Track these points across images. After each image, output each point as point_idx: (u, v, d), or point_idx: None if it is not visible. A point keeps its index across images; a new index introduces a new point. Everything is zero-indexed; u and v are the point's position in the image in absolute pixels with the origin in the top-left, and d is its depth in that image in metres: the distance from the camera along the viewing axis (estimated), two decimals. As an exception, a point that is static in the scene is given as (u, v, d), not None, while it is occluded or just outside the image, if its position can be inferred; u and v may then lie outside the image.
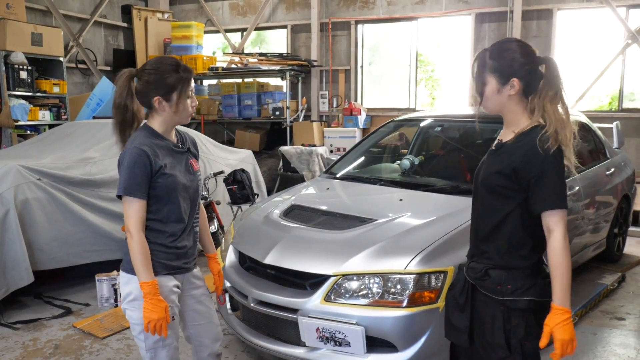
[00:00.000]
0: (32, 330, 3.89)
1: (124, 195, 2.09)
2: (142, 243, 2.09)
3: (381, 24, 9.46)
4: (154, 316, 2.03)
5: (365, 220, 3.23)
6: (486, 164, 2.08)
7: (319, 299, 2.82)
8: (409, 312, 2.70)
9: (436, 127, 4.72)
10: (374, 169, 4.79)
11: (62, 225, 4.37)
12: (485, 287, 2.02)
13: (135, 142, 2.12)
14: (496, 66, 1.95)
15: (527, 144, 1.91)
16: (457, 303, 2.12)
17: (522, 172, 1.91)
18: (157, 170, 2.13)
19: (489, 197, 2.03)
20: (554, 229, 1.89)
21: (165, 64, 2.16)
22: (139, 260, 2.07)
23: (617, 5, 7.85)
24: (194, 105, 2.23)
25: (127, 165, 2.09)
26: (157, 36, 9.99)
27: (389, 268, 2.80)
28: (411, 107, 9.31)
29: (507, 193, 1.97)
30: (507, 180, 1.95)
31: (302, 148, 8.07)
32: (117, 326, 3.87)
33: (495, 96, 1.98)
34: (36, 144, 5.58)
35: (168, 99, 2.15)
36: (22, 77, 7.42)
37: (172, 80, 2.13)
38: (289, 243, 3.14)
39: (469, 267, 2.11)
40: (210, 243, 2.59)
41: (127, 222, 2.09)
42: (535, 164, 1.89)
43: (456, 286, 2.16)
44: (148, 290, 2.05)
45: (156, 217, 2.17)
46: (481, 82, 1.99)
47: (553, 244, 1.89)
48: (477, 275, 2.04)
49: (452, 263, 2.78)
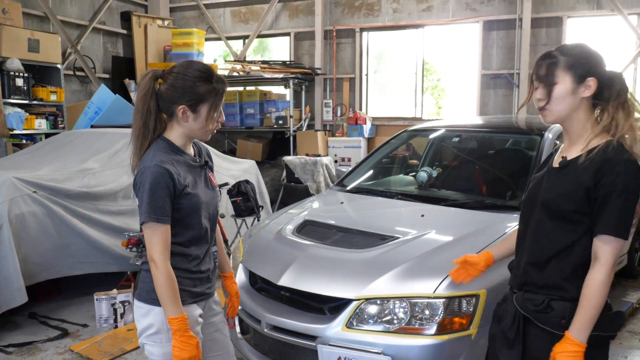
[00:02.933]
0: (25, 354, 3.63)
1: (148, 221, 1.84)
2: (170, 274, 1.85)
3: (387, 31, 9.29)
4: (185, 355, 1.81)
5: (387, 237, 3.01)
6: (548, 184, 1.83)
7: (340, 326, 2.59)
8: (438, 340, 2.48)
9: (453, 138, 4.50)
10: (388, 181, 4.58)
11: (58, 238, 4.15)
12: (546, 321, 1.78)
13: (156, 160, 1.86)
14: (572, 63, 1.73)
15: (600, 160, 1.68)
16: (505, 338, 1.88)
17: (594, 192, 1.69)
18: (182, 190, 1.89)
19: (550, 221, 1.79)
20: (602, 259, 1.69)
21: (197, 69, 1.90)
22: (167, 293, 1.83)
23: (628, 12, 7.69)
24: (222, 121, 1.98)
25: (149, 187, 1.83)
26: (157, 43, 9.79)
27: (416, 292, 2.58)
28: (417, 116, 9.11)
29: (576, 218, 1.74)
30: (578, 204, 1.72)
31: (306, 158, 7.86)
32: (118, 350, 3.62)
33: (568, 98, 1.74)
34: (32, 154, 5.33)
35: (195, 110, 1.89)
36: (18, 85, 7.19)
37: (204, 90, 1.88)
38: (305, 263, 2.91)
39: (525, 298, 1.85)
40: (226, 262, 2.37)
41: (151, 251, 1.84)
42: (607, 181, 1.66)
43: (504, 319, 1.91)
44: (177, 326, 1.82)
45: (179, 241, 1.94)
46: (550, 82, 1.75)
47: (595, 274, 1.69)
48: (537, 308, 1.80)
49: (484, 286, 2.56)
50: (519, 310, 1.86)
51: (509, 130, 4.48)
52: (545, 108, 1.79)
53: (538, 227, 1.83)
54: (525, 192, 2.03)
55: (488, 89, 8.57)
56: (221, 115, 1.97)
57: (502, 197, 3.64)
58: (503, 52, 8.41)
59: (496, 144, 4.51)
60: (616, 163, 1.66)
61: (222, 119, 1.98)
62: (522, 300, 1.86)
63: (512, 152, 4.36)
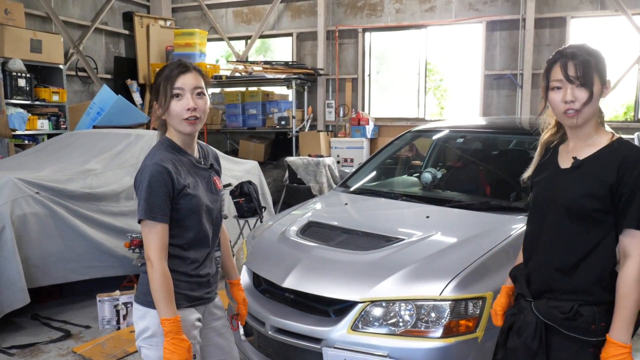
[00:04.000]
0: (28, 356, 3.61)
1: (144, 219, 1.83)
2: (165, 274, 1.82)
3: (389, 31, 9.26)
4: (176, 358, 1.78)
5: (392, 239, 2.98)
6: (565, 185, 1.79)
7: (345, 328, 2.56)
8: (445, 343, 2.45)
9: (457, 139, 4.47)
10: (392, 182, 4.55)
11: (60, 240, 4.12)
12: (576, 328, 1.73)
13: (156, 158, 1.86)
14: (596, 63, 1.71)
15: (620, 157, 1.68)
16: (528, 350, 1.80)
17: (617, 189, 1.67)
18: (180, 190, 1.87)
19: (573, 223, 1.75)
20: (632, 254, 1.66)
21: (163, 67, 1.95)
22: (160, 293, 1.80)
23: (632, 13, 7.65)
24: (188, 108, 1.87)
25: (147, 184, 1.82)
26: (159, 44, 9.78)
27: (422, 294, 2.54)
28: (420, 116, 9.08)
29: (600, 217, 1.71)
30: (602, 202, 1.70)
31: (308, 159, 7.83)
32: (120, 352, 3.60)
33: (597, 99, 1.72)
34: (34, 155, 5.31)
35: (161, 103, 1.90)
36: (20, 85, 7.17)
37: (159, 80, 1.90)
38: (309, 265, 2.88)
39: (550, 306, 1.78)
40: (233, 267, 2.34)
41: (148, 250, 1.83)
42: (631, 176, 1.65)
43: (525, 330, 1.83)
44: (170, 328, 1.79)
45: (177, 243, 1.91)
46: (589, 83, 1.70)
47: (628, 270, 1.66)
48: (565, 316, 1.73)
49: (490, 288, 2.54)
50: (540, 319, 1.79)
51: (513, 131, 4.45)
52: (580, 110, 1.72)
53: (560, 231, 1.78)
54: (530, 196, 1.99)
55: (491, 90, 8.54)
56: (185, 100, 1.88)
57: (507, 198, 3.62)
58: (506, 52, 8.38)
59: (500, 145, 4.48)
60: (637, 157, 1.66)
61: (191, 105, 1.88)
62: (545, 308, 1.79)
63: (516, 153, 4.32)
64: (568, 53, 1.73)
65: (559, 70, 1.73)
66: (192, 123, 1.90)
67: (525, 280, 1.90)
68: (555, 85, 1.75)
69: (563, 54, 1.74)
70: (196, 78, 1.91)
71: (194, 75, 1.91)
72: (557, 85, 1.74)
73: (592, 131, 1.77)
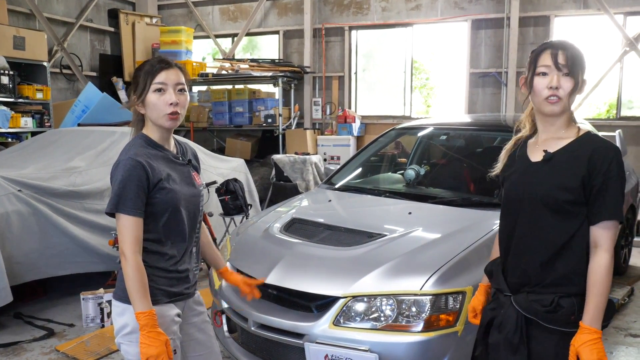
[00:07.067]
0: (10, 354, 3.59)
1: (115, 212, 1.83)
2: (139, 267, 1.82)
3: (376, 30, 9.30)
4: (152, 352, 1.77)
5: (374, 235, 3.01)
6: (538, 178, 1.81)
7: (327, 323, 2.58)
8: (425, 337, 2.49)
9: (441, 136, 4.51)
10: (376, 179, 4.57)
11: (43, 238, 4.09)
12: (556, 321, 1.75)
13: (130, 153, 1.87)
14: (582, 60, 1.76)
15: (589, 150, 1.72)
16: (510, 344, 1.81)
17: (589, 181, 1.71)
18: (156, 184, 1.87)
19: (546, 216, 1.77)
20: (603, 244, 1.71)
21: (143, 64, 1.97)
22: (134, 287, 1.80)
23: (614, 12, 7.76)
24: (169, 102, 1.89)
25: (120, 178, 1.83)
26: (145, 41, 9.72)
27: (403, 289, 2.58)
28: (406, 114, 9.13)
29: (573, 209, 1.74)
30: (574, 194, 1.73)
31: (295, 157, 7.84)
32: (104, 349, 3.59)
33: (574, 95, 1.77)
34: (17, 153, 5.26)
35: (140, 96, 1.91)
36: (4, 82, 7.10)
37: (140, 74, 1.92)
38: (292, 261, 2.90)
39: (530, 300, 1.79)
40: (218, 256, 2.35)
41: (121, 243, 1.83)
42: (602, 169, 1.70)
43: (506, 325, 1.83)
44: (145, 321, 1.78)
45: (154, 238, 1.91)
46: (576, 72, 1.75)
47: (600, 260, 1.70)
48: (547, 308, 1.75)
49: (470, 283, 2.58)
50: (521, 313, 1.80)
51: (496, 128, 4.49)
52: (561, 97, 1.74)
53: (534, 224, 1.80)
54: (501, 190, 2.01)
55: (476, 88, 8.61)
56: (167, 95, 1.90)
57: (490, 194, 3.65)
58: (491, 50, 8.45)
59: (484, 142, 4.52)
60: (606, 150, 1.70)
61: (174, 100, 1.89)
62: (526, 302, 1.80)
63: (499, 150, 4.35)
64: (558, 44, 1.77)
65: (548, 57, 1.75)
66: (173, 118, 1.92)
67: (503, 275, 1.92)
68: (541, 70, 1.76)
69: (553, 44, 1.77)
70: (178, 74, 1.94)
71: (175, 71, 1.94)
72: (544, 70, 1.75)
73: (564, 124, 1.81)
